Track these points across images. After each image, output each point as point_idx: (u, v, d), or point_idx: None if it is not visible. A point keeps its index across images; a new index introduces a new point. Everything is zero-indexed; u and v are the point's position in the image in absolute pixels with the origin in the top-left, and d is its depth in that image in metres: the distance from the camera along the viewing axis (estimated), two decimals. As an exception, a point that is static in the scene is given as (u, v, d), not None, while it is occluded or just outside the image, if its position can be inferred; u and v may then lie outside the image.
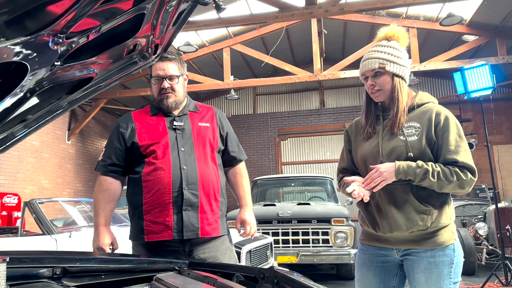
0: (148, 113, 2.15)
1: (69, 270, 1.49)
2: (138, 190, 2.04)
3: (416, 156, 1.73)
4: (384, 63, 1.79)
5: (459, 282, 1.75)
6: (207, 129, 2.15)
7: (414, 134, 1.75)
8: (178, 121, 2.11)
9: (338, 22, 9.33)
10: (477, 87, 5.39)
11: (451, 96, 12.01)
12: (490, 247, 6.28)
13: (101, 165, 2.12)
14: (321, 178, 7.74)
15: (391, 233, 1.75)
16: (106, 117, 11.80)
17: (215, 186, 2.08)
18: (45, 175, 9.16)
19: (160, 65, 2.10)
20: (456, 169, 1.69)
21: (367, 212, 1.85)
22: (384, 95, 1.82)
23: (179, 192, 1.99)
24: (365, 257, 1.89)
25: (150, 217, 2.01)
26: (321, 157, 12.51)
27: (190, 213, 1.99)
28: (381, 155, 1.78)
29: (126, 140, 2.08)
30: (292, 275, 1.29)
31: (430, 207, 1.71)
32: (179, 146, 2.05)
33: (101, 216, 2.10)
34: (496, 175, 11.36)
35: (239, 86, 9.56)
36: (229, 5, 7.96)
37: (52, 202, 6.34)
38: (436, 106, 1.82)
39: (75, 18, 1.13)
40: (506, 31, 8.39)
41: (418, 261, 1.73)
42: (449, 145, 1.71)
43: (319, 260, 5.83)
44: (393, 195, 1.75)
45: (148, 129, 2.09)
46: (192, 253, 2.02)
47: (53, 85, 1.43)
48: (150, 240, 2.01)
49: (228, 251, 2.12)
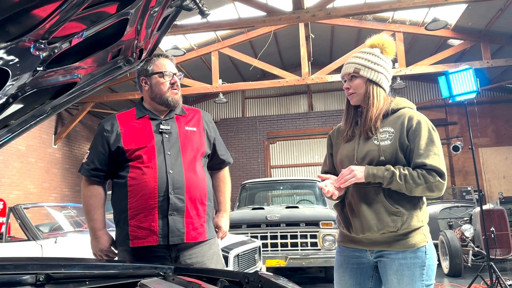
0: (134, 116, 2.12)
1: (53, 276, 1.48)
2: (123, 195, 2.01)
3: (388, 160, 1.78)
4: (359, 67, 1.86)
5: (432, 284, 1.77)
6: (193, 133, 2.13)
7: (387, 139, 1.80)
8: (165, 124, 2.09)
9: (325, 26, 9.41)
10: (462, 91, 5.46)
11: (437, 99, 12.17)
12: (476, 248, 6.35)
13: (85, 168, 2.09)
14: (310, 182, 7.77)
15: (363, 234, 1.79)
16: (93, 121, 11.71)
17: (201, 191, 2.06)
18: (31, 180, 9.04)
19: (166, 62, 2.12)
20: (424, 172, 1.73)
21: (342, 213, 1.90)
22: (357, 98, 1.89)
23: (165, 197, 1.96)
24: (341, 259, 1.93)
25: (135, 222, 1.97)
26: (309, 160, 12.56)
27: (176, 218, 1.96)
28: (355, 158, 1.84)
29: (110, 145, 2.04)
30: (277, 280, 1.29)
31: (401, 209, 1.75)
32: (166, 150, 2.02)
33: (97, 220, 2.09)
34: (482, 178, 11.52)
35: (228, 90, 9.56)
36: (217, 9, 7.98)
37: (38, 207, 6.26)
38: (410, 111, 1.86)
39: (57, 24, 1.13)
40: (490, 35, 8.53)
41: (390, 263, 1.77)
42: (419, 149, 1.75)
43: (308, 263, 5.84)
44: (365, 196, 1.80)
45: (134, 133, 2.05)
46: (179, 258, 2.00)
47: (36, 90, 1.42)
48: (135, 245, 1.97)
49: (215, 256, 2.11)
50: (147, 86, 2.12)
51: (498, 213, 6.33)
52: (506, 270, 6.74)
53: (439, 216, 7.46)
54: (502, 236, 6.11)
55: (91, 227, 2.10)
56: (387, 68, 1.90)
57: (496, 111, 11.92)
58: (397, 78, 9.10)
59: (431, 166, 1.73)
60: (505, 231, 6.19)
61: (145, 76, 2.12)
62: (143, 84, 2.14)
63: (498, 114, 11.94)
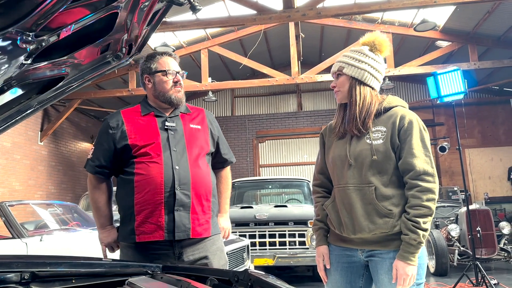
0: (139, 113, 2.13)
1: (38, 274, 1.45)
2: (129, 191, 2.02)
3: (380, 160, 1.77)
4: (343, 65, 1.87)
5: (423, 283, 1.78)
6: (198, 131, 2.16)
7: (380, 138, 1.79)
8: (170, 121, 2.11)
9: (315, 26, 9.42)
10: (450, 92, 5.52)
11: (424, 100, 12.28)
12: (461, 248, 6.42)
13: (90, 165, 2.11)
14: (298, 181, 7.78)
15: (354, 235, 1.79)
16: (80, 118, 11.58)
17: (207, 187, 2.08)
18: (16, 177, 8.91)
19: (170, 60, 2.14)
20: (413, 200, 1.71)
21: (333, 213, 1.89)
22: (341, 96, 1.89)
23: (171, 192, 1.97)
24: (332, 258, 1.92)
25: (142, 217, 1.98)
26: (298, 159, 12.59)
27: (181, 214, 1.98)
28: (348, 157, 1.83)
29: (116, 142, 2.05)
30: (267, 278, 1.28)
31: (393, 210, 1.74)
32: (171, 146, 2.04)
33: (106, 216, 2.14)
34: (468, 178, 11.66)
35: (217, 88, 9.53)
36: (207, 7, 7.94)
37: (23, 204, 6.17)
38: (402, 110, 1.85)
39: (45, 16, 1.10)
40: (478, 37, 8.63)
41: (382, 262, 1.77)
42: (411, 149, 1.75)
43: (296, 262, 5.85)
44: (357, 197, 1.78)
45: (140, 130, 2.07)
46: (182, 255, 2.01)
47: (22, 84, 1.39)
48: (141, 240, 1.98)
49: (218, 251, 2.12)
50: (150, 84, 2.14)
51: (484, 213, 6.41)
52: (491, 269, 6.84)
53: (426, 215, 7.51)
54: (488, 236, 6.19)
55: (101, 223, 2.15)
56: (374, 65, 1.87)
57: (482, 112, 12.08)
58: (386, 79, 9.18)
59: (419, 169, 1.72)
60: (490, 231, 6.27)
61: (149, 74, 2.13)
62: (146, 82, 2.15)
63: (484, 115, 12.10)
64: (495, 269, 6.91)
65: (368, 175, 1.77)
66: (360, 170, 1.79)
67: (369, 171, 1.78)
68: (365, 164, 1.78)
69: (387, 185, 1.77)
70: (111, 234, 2.13)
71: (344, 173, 1.83)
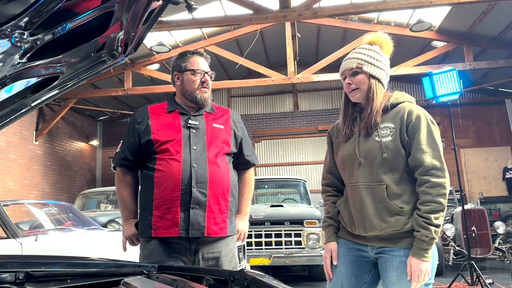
0: (165, 110, 2.18)
1: (33, 274, 1.44)
2: (149, 186, 2.07)
3: (390, 158, 1.75)
4: (362, 63, 1.83)
5: (432, 283, 1.76)
6: (221, 130, 2.18)
7: (388, 135, 1.77)
8: (193, 120, 2.15)
9: (311, 26, 9.43)
10: (445, 92, 5.53)
11: (420, 100, 12.30)
12: (457, 248, 6.45)
13: (117, 158, 2.19)
14: (294, 180, 7.79)
15: (366, 233, 1.78)
16: (75, 118, 11.53)
17: (224, 186, 2.10)
18: (11, 177, 8.86)
19: (200, 60, 2.17)
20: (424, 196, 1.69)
21: (346, 212, 1.88)
22: (360, 94, 1.85)
23: (188, 190, 2.00)
24: (340, 251, 1.90)
25: (159, 213, 2.03)
26: (294, 159, 12.59)
27: (197, 212, 2.01)
28: (358, 156, 1.81)
29: (140, 136, 2.11)
30: (263, 278, 1.28)
31: (404, 208, 1.73)
32: (192, 144, 2.07)
33: (131, 210, 2.20)
34: (463, 178, 11.71)
35: (213, 88, 9.38)
36: (203, 6, 7.92)
37: (18, 204, 6.13)
38: (410, 105, 1.83)
39: (40, 14, 1.09)
40: (473, 38, 8.67)
41: (391, 260, 1.75)
42: (419, 144, 1.73)
43: (292, 262, 5.85)
44: (369, 195, 1.77)
45: (163, 126, 2.11)
46: (198, 252, 2.04)
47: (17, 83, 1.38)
48: (157, 235, 2.02)
49: (230, 253, 2.14)
50: (179, 81, 2.18)
51: (479, 213, 6.45)
52: (486, 269, 6.87)
53: (421, 215, 7.55)
54: (483, 236, 6.22)
55: (126, 215, 2.21)
56: (387, 65, 1.88)
57: (477, 112, 12.13)
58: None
59: (429, 164, 1.70)
60: (485, 230, 6.30)
61: (178, 71, 2.18)
62: (175, 79, 2.20)
63: (479, 115, 12.15)
64: (490, 269, 6.94)
65: (379, 173, 1.76)
66: (371, 168, 1.77)
67: (380, 169, 1.76)
68: (375, 162, 1.76)
69: (398, 182, 1.75)
70: (133, 228, 2.18)
71: (355, 172, 1.82)
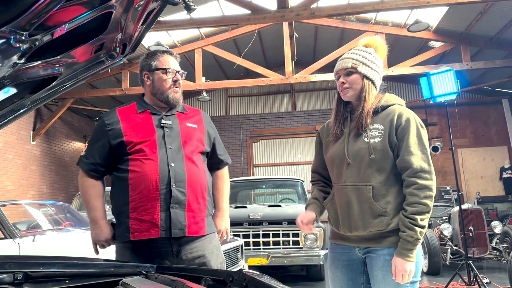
0: (135, 111, 2.12)
1: (31, 275, 1.44)
2: (123, 188, 2.00)
3: (378, 158, 1.79)
4: (357, 63, 1.87)
5: (418, 281, 1.79)
6: (195, 129, 2.15)
7: (377, 136, 1.81)
8: (166, 119, 2.10)
9: (309, 26, 9.44)
10: (442, 92, 5.55)
11: (417, 100, 12.34)
12: (454, 247, 6.46)
13: (84, 162, 2.08)
14: (292, 180, 7.79)
15: (350, 232, 1.83)
16: (73, 118, 11.51)
17: (202, 185, 2.07)
18: (8, 177, 8.83)
19: (170, 59, 2.13)
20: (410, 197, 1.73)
21: (332, 211, 1.93)
22: (352, 93, 1.88)
23: (167, 190, 1.96)
24: (333, 256, 1.96)
25: (137, 215, 1.96)
26: (292, 159, 12.60)
27: (177, 211, 1.96)
28: (346, 156, 1.85)
29: (111, 139, 2.03)
30: (261, 278, 1.28)
31: (388, 209, 1.76)
32: (167, 144, 2.03)
33: (98, 210, 2.06)
34: (460, 178, 11.73)
35: (211, 88, 9.51)
36: (201, 6, 7.92)
37: (15, 204, 6.12)
38: (400, 108, 1.87)
39: (39, 15, 1.09)
40: (470, 38, 8.69)
41: (376, 259, 1.79)
42: (408, 146, 1.77)
43: (290, 262, 5.85)
44: (355, 196, 1.81)
45: (135, 127, 2.05)
46: (180, 253, 1.99)
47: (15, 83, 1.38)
48: (136, 238, 1.95)
49: (215, 250, 2.11)
50: (149, 81, 2.13)
51: (476, 213, 6.46)
52: (483, 268, 6.89)
53: (419, 215, 7.56)
54: (480, 235, 6.24)
55: (93, 217, 2.07)
56: (380, 68, 1.93)
57: (474, 112, 12.16)
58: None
59: (417, 166, 1.74)
60: (482, 230, 6.31)
61: (148, 71, 2.13)
62: (145, 79, 2.14)
63: (476, 115, 12.18)
64: (487, 268, 6.96)
65: (366, 174, 1.79)
66: (359, 169, 1.81)
67: (368, 170, 1.79)
68: (363, 163, 1.80)
69: (384, 183, 1.79)
70: (104, 231, 2.04)
71: (343, 172, 1.85)
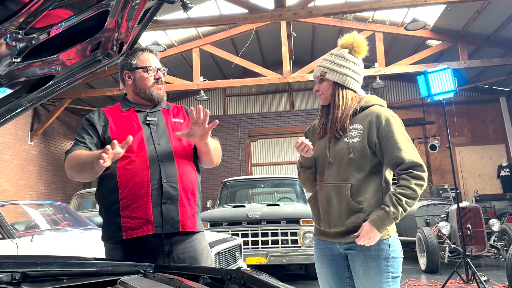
0: (119, 110, 2.09)
1: (29, 274, 1.44)
2: (112, 187, 1.95)
3: (357, 158, 1.85)
4: (326, 71, 1.96)
5: (399, 277, 1.86)
6: (181, 124, 2.13)
7: (356, 136, 1.88)
8: (152, 116, 2.08)
9: (307, 25, 9.44)
10: (440, 90, 5.56)
11: (415, 99, 12.36)
12: (452, 245, 6.48)
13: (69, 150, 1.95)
14: (290, 179, 7.79)
15: (330, 229, 1.90)
16: (70, 118, 11.49)
17: (193, 180, 2.06)
18: (5, 177, 8.81)
19: (150, 56, 2.09)
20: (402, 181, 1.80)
21: (314, 208, 2.00)
22: (325, 99, 1.99)
23: (158, 185, 1.93)
24: (318, 252, 2.03)
25: (128, 212, 1.92)
26: (290, 158, 12.61)
27: (169, 207, 1.94)
28: (328, 156, 1.93)
29: (99, 132, 1.98)
30: (260, 276, 1.28)
31: (365, 206, 1.83)
32: (155, 140, 2.01)
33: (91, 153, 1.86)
34: (458, 176, 11.76)
35: (209, 87, 9.50)
36: (198, 5, 7.91)
37: (13, 205, 6.10)
38: (378, 109, 1.92)
39: (35, 13, 1.09)
40: (468, 36, 8.71)
41: (357, 255, 1.86)
42: (396, 144, 1.82)
43: (288, 261, 5.86)
44: (335, 194, 1.88)
45: (121, 124, 2.02)
46: (172, 253, 1.96)
47: (12, 82, 1.38)
48: (129, 237, 1.91)
49: (205, 251, 2.10)
50: (130, 80, 2.09)
51: (474, 211, 6.48)
52: (481, 266, 6.91)
53: (417, 213, 7.59)
54: (478, 233, 6.25)
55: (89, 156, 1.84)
56: (354, 69, 1.96)
57: (472, 111, 12.19)
58: (377, 78, 9.21)
59: (409, 161, 1.80)
60: (480, 228, 6.33)
61: (129, 70, 2.08)
62: (126, 78, 2.10)
63: (474, 114, 12.21)
64: (485, 266, 6.98)
65: (346, 172, 1.86)
66: (339, 168, 1.89)
67: (347, 169, 1.86)
68: (343, 162, 1.87)
69: (363, 181, 1.85)
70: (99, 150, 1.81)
71: (325, 171, 1.94)
